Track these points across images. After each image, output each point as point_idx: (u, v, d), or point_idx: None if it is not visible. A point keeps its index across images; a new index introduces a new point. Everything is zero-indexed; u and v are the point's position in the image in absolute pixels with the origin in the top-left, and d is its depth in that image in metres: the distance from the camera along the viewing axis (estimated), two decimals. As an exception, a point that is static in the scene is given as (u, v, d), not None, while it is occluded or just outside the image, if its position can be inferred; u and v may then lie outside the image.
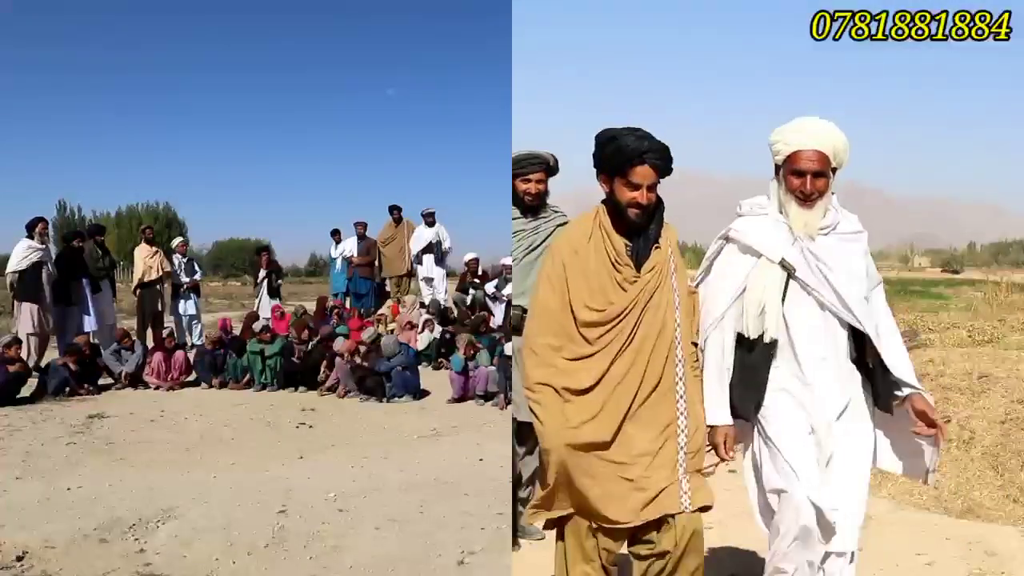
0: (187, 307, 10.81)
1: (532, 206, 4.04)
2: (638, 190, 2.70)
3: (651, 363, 2.70)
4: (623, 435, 2.69)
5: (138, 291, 10.49)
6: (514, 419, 4.04)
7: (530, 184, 4.00)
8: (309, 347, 8.80)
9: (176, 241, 11.53)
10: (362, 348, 8.05)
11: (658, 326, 2.71)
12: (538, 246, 4.00)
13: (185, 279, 10.87)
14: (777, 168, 2.83)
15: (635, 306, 2.70)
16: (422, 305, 11.42)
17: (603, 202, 2.82)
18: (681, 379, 2.75)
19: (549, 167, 4.02)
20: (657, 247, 2.76)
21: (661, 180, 2.74)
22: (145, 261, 10.36)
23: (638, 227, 2.74)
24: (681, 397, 2.74)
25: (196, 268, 11.33)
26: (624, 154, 2.69)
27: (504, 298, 10.21)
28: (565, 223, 3.85)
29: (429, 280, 12.03)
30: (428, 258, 12.02)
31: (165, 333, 9.01)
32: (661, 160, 2.70)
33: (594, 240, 2.79)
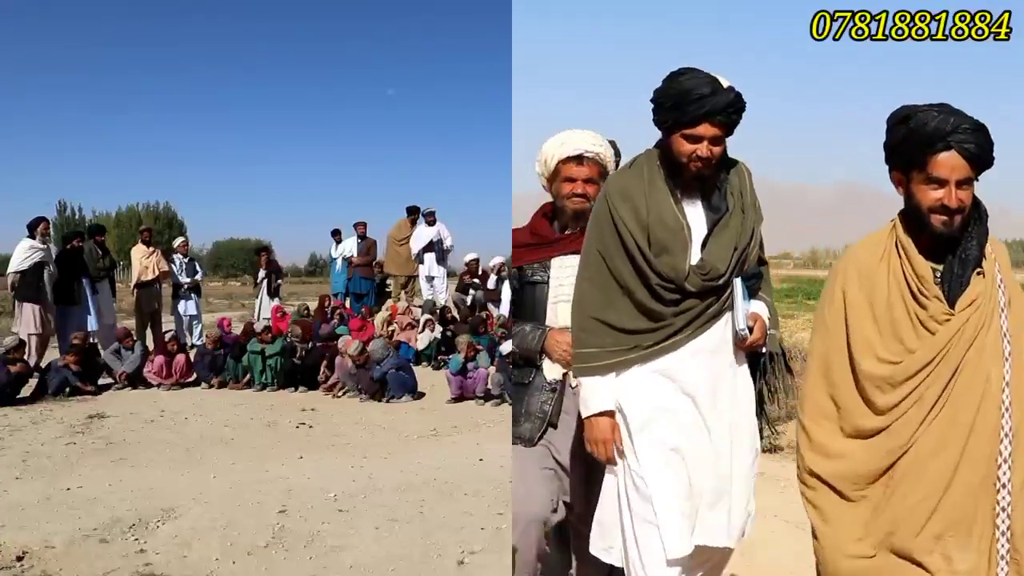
0: (188, 307, 10.80)
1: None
2: (943, 188, 1.97)
3: (971, 444, 1.93)
4: (932, 557, 1.93)
5: (136, 291, 10.49)
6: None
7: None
8: (309, 347, 8.80)
9: (177, 241, 11.54)
10: (355, 359, 8.00)
11: (980, 387, 1.94)
12: None
13: (186, 279, 10.87)
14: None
15: (946, 356, 1.95)
16: (419, 306, 11.43)
17: (900, 212, 2.11)
18: (1007, 461, 1.95)
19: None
20: (980, 272, 2.02)
21: (978, 177, 2.02)
22: (142, 261, 10.35)
23: (949, 243, 2.02)
24: (1004, 488, 1.95)
25: (197, 268, 11.34)
26: (920, 138, 1.99)
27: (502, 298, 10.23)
28: None
29: (431, 279, 12.04)
30: (429, 257, 12.03)
31: (168, 336, 9.01)
32: (976, 145, 1.98)
33: (888, 261, 2.06)
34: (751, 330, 2.31)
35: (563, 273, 2.71)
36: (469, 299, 11.15)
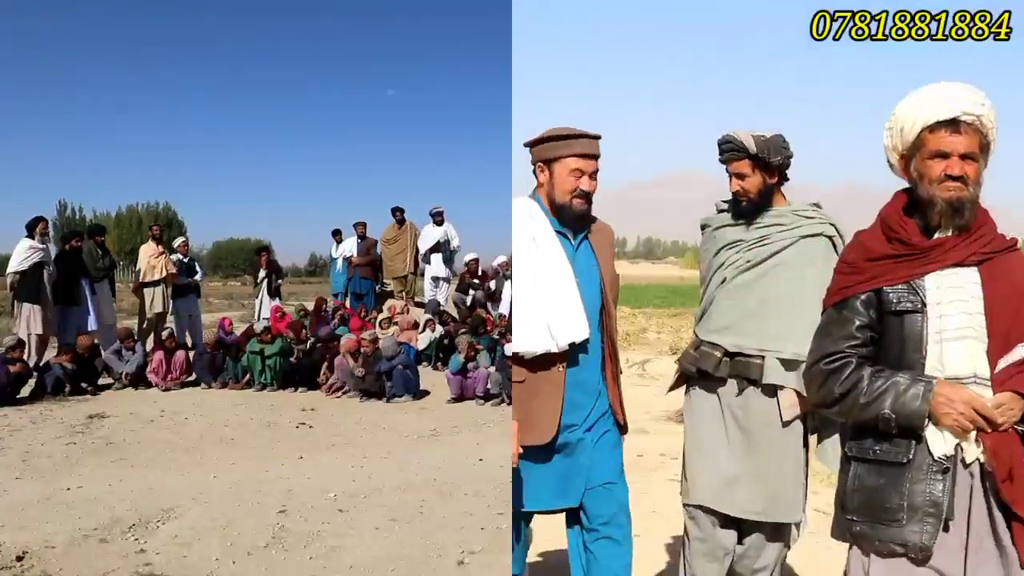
0: (188, 307, 10.80)
1: (745, 208, 2.90)
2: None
3: None
4: None
5: (140, 290, 10.46)
6: None
7: (733, 179, 2.91)
8: (308, 347, 8.80)
9: (178, 241, 11.53)
10: (364, 347, 8.02)
11: None
12: (761, 262, 2.87)
13: (186, 279, 10.85)
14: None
15: None
16: (419, 305, 11.44)
17: None
18: None
19: (752, 156, 2.82)
20: None
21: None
22: (149, 260, 10.32)
23: None
24: None
25: (197, 268, 11.33)
26: None
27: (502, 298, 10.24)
28: (819, 234, 2.85)
29: (437, 279, 12.04)
30: (436, 257, 12.03)
31: (165, 334, 9.01)
32: None
33: None
34: None
35: (945, 296, 1.94)
36: (469, 299, 11.15)
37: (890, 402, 1.86)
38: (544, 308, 2.62)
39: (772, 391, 2.79)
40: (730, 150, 2.84)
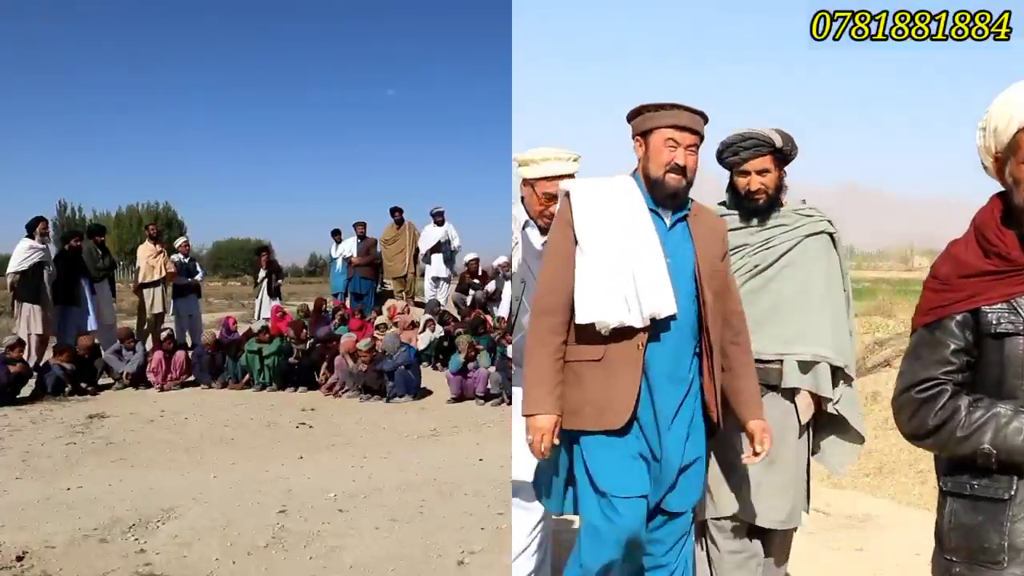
0: (188, 307, 10.79)
1: (756, 208, 2.86)
2: None
3: None
4: None
5: (140, 291, 10.45)
6: None
7: (750, 177, 2.83)
8: (307, 347, 8.80)
9: (179, 241, 11.52)
10: (361, 355, 8.00)
11: None
12: (769, 266, 2.85)
13: (187, 279, 10.85)
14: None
15: None
16: (419, 305, 11.43)
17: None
18: None
19: (777, 150, 2.80)
20: None
21: None
22: (148, 261, 10.31)
23: None
24: None
25: (198, 268, 11.33)
26: None
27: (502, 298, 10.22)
28: (821, 232, 2.86)
29: (437, 279, 12.04)
30: (436, 257, 12.03)
31: (164, 334, 9.01)
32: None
33: None
34: None
35: None
36: (469, 299, 11.15)
37: (990, 436, 1.68)
38: (624, 279, 2.37)
39: (790, 395, 2.79)
40: (754, 146, 2.77)
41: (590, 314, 2.38)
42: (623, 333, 2.37)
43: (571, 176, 3.01)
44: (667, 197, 2.45)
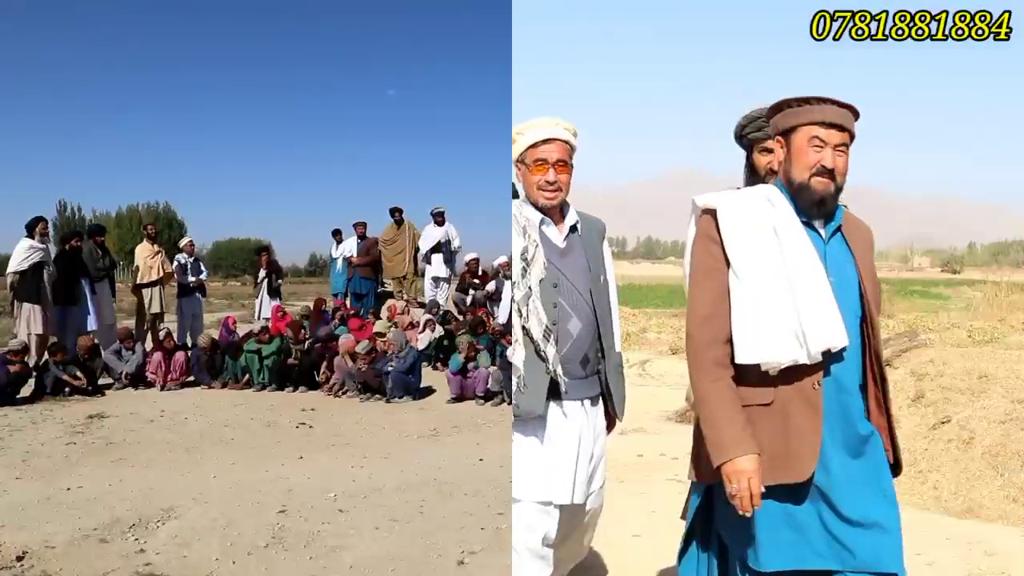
0: (191, 307, 10.79)
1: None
2: None
3: None
4: None
5: (138, 291, 10.44)
6: None
7: (772, 155, 2.60)
8: (306, 347, 8.80)
9: (184, 241, 11.52)
10: (361, 358, 8.00)
11: None
12: None
13: (191, 279, 10.85)
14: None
15: None
16: (419, 305, 11.43)
17: None
18: None
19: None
20: None
21: None
22: (146, 261, 10.31)
23: None
24: None
25: (202, 268, 11.33)
26: None
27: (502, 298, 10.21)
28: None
29: (437, 279, 12.03)
30: (437, 257, 12.02)
31: (163, 334, 9.01)
32: None
33: None
34: None
35: None
36: (469, 299, 11.15)
37: None
38: (790, 309, 2.12)
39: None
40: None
41: (754, 353, 2.14)
42: (792, 371, 2.14)
43: (565, 143, 2.70)
44: (812, 204, 2.20)
